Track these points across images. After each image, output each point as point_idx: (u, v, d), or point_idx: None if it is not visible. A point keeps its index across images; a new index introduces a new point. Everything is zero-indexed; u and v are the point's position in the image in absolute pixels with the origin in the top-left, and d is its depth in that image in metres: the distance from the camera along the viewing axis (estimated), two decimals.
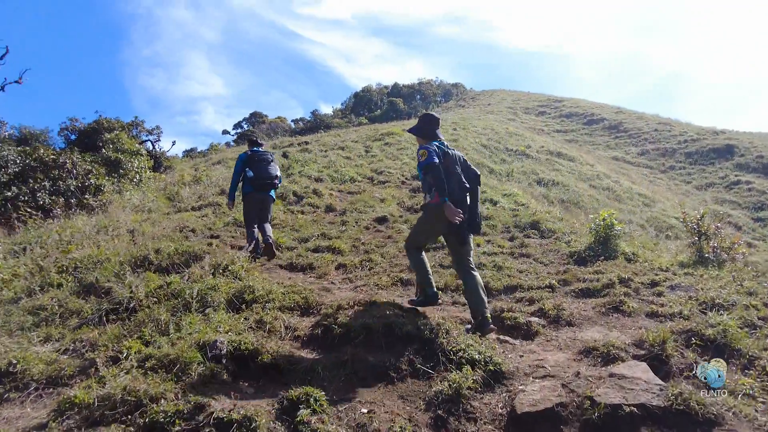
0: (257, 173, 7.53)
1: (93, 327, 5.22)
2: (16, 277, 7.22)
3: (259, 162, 7.61)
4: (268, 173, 7.57)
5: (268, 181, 7.57)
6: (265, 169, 7.58)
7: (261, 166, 7.58)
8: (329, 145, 23.85)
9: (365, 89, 56.74)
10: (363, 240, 8.53)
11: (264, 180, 7.54)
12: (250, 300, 4.93)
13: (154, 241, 8.49)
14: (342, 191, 14.83)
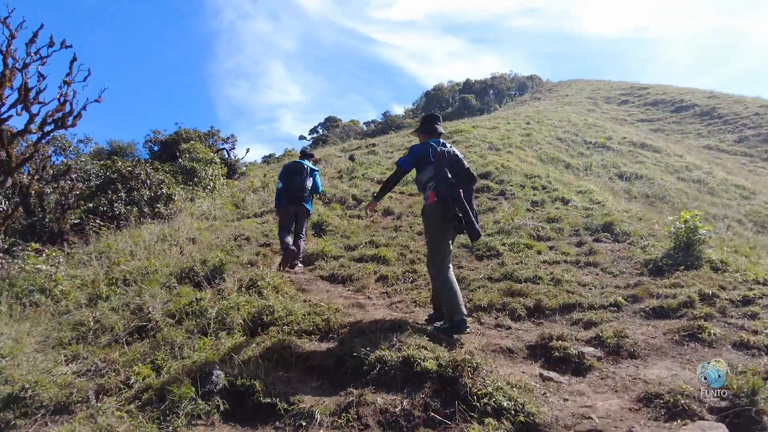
0: (286, 185, 7.50)
1: (120, 345, 5.07)
2: (74, 289, 7.34)
3: (291, 174, 7.57)
4: (294, 185, 7.46)
5: (296, 192, 7.42)
6: (294, 181, 7.48)
7: (292, 178, 7.51)
8: (396, 146, 23.41)
9: (436, 88, 55.78)
10: (412, 248, 7.94)
11: (292, 192, 7.43)
12: (268, 322, 4.52)
13: (203, 251, 8.42)
14: (403, 193, 14.31)
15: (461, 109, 45.01)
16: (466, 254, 7.60)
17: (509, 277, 6.11)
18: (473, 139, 21.33)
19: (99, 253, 9.40)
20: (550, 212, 9.88)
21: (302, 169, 7.59)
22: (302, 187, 7.46)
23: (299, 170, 7.58)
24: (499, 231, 8.53)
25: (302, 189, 7.45)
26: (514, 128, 23.39)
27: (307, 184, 7.55)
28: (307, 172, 7.61)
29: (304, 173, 7.56)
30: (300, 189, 7.44)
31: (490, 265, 6.82)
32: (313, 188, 7.74)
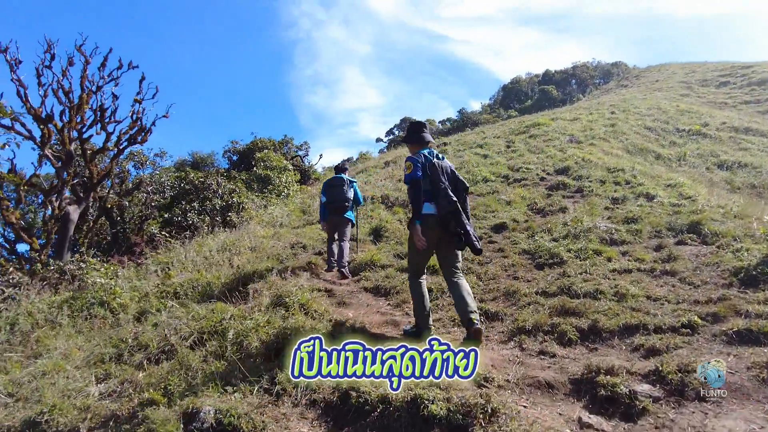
0: (329, 198, 7.73)
1: (151, 365, 4.98)
2: (132, 302, 7.49)
3: (332, 187, 7.78)
4: (337, 197, 7.66)
5: (339, 204, 7.62)
6: (336, 194, 7.69)
7: (334, 191, 7.72)
8: (468, 144, 22.62)
9: (514, 81, 53.66)
10: (467, 255, 7.34)
11: (335, 204, 7.63)
12: (285, 345, 4.19)
13: (254, 262, 8.34)
14: (472, 193, 13.65)
15: (541, 101, 43.00)
16: (527, 262, 6.91)
17: (566, 291, 5.38)
18: (552, 132, 20.20)
19: (164, 264, 9.64)
20: (630, 210, 8.89)
21: (342, 183, 7.76)
22: (344, 198, 7.63)
23: (339, 183, 7.77)
24: (567, 235, 7.73)
25: (344, 200, 7.62)
26: (597, 119, 21.85)
27: (349, 195, 7.71)
28: (348, 184, 7.79)
29: (344, 186, 7.73)
30: (342, 201, 7.60)
31: (550, 276, 6.11)
32: (355, 200, 7.93)
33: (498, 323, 4.85)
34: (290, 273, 7.27)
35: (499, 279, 6.18)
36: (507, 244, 7.91)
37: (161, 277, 7.89)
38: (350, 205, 7.72)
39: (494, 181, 14.66)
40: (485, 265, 6.89)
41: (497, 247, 7.85)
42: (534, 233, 8.37)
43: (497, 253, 7.47)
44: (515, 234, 8.46)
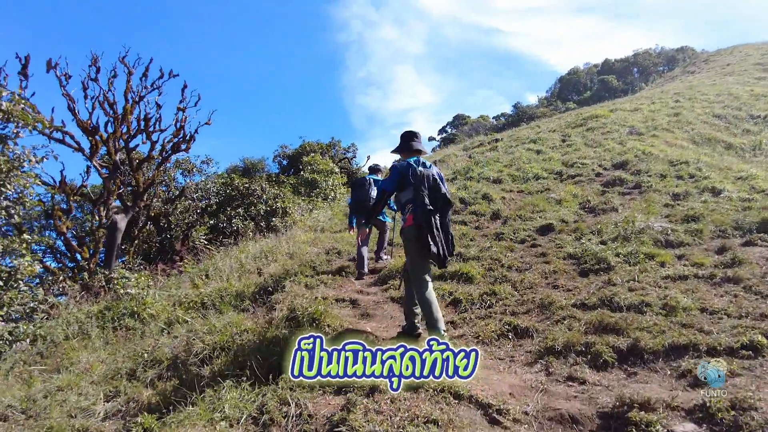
0: (353, 198, 7.90)
1: (160, 382, 4.85)
2: (162, 312, 7.47)
3: (357, 187, 7.89)
4: (361, 197, 7.69)
5: (362, 204, 7.58)
6: (360, 194, 7.73)
7: (357, 192, 7.80)
8: (522, 139, 21.76)
9: (571, 71, 51.42)
10: (504, 261, 6.83)
11: (360, 204, 7.64)
12: (282, 364, 3.89)
13: (287, 268, 8.17)
14: (522, 192, 13.00)
15: (600, 91, 41.01)
16: (570, 268, 6.32)
17: (607, 302, 4.78)
18: (611, 124, 19.16)
19: (201, 273, 9.65)
20: (692, 207, 8.09)
21: (364, 183, 7.80)
22: (367, 198, 7.60)
23: (362, 183, 7.84)
24: (617, 237, 7.06)
25: (367, 200, 7.56)
26: (660, 108, 20.48)
27: (372, 194, 7.61)
28: (371, 184, 7.76)
29: (366, 186, 7.75)
30: (364, 201, 7.58)
31: (593, 284, 5.52)
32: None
33: (527, 341, 4.34)
34: (318, 281, 7.03)
35: (537, 288, 5.64)
36: (551, 248, 7.32)
37: (190, 286, 7.83)
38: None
39: (546, 178, 13.94)
40: (523, 272, 6.36)
41: (540, 251, 7.27)
42: (582, 235, 7.73)
43: (539, 258, 6.90)
44: (561, 236, 7.84)
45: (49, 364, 5.90)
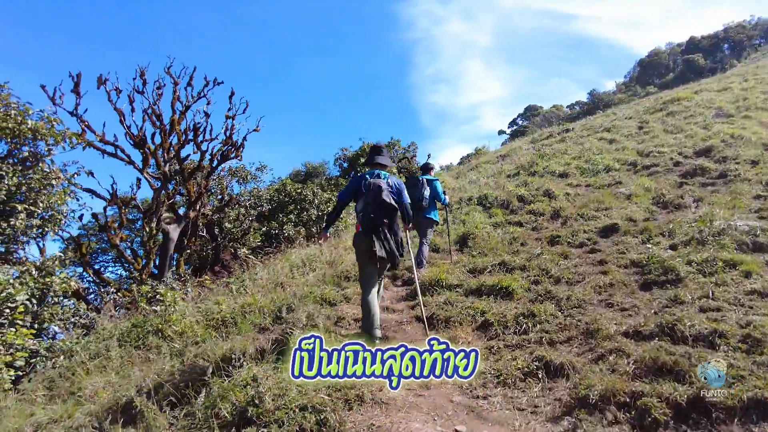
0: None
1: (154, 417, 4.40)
2: (189, 329, 7.15)
3: (409, 187, 7.30)
4: (412, 197, 7.01)
5: (414, 203, 7.08)
6: (411, 193, 7.11)
7: (410, 192, 7.04)
8: (594, 129, 20.18)
9: (652, 53, 47.42)
10: (553, 272, 5.87)
11: (413, 204, 7.01)
12: (252, 417, 3.26)
13: (315, 283, 7.64)
14: (590, 186, 11.80)
15: (685, 73, 37.56)
16: (631, 280, 5.30)
17: (667, 331, 3.74)
18: (695, 107, 17.37)
19: (241, 284, 9.32)
20: None
21: (417, 182, 7.48)
22: (419, 198, 7.30)
23: (414, 183, 7.48)
24: (690, 239, 5.92)
25: (421, 200, 7.32)
26: (753, 86, 18.27)
27: (425, 194, 7.39)
28: (423, 183, 7.47)
29: (419, 184, 7.44)
30: (419, 200, 7.27)
31: (656, 302, 4.51)
32: (432, 198, 7.56)
33: (559, 383, 3.42)
34: (342, 297, 6.42)
35: (585, 307, 4.68)
36: (612, 254, 6.26)
37: (214, 302, 7.44)
38: (429, 205, 7.41)
39: (618, 169, 12.62)
40: (573, 286, 5.39)
41: (598, 257, 6.24)
42: (650, 237, 6.61)
43: (595, 267, 5.89)
44: (626, 239, 6.75)
45: (60, 387, 5.66)
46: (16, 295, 7.16)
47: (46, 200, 7.51)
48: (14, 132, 7.06)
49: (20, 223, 7.29)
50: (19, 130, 7.15)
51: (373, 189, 4.63)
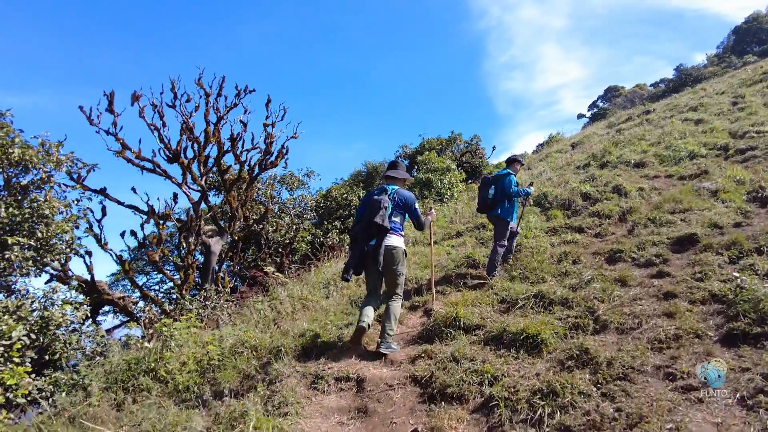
0: (479, 197, 7.08)
1: None
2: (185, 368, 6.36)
3: (483, 186, 7.00)
4: (483, 195, 6.92)
5: (482, 203, 6.92)
6: (483, 192, 6.93)
7: (482, 190, 6.97)
8: (679, 108, 17.77)
9: (750, 18, 41.78)
10: (603, 310, 4.43)
11: (484, 202, 6.90)
12: None
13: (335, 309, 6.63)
14: (671, 176, 10.01)
15: None
16: (708, 326, 3.80)
17: None
18: None
19: (260, 308, 8.49)
20: None
21: (487, 182, 6.91)
22: (491, 196, 6.75)
23: (488, 182, 6.92)
24: None
25: (485, 198, 6.79)
26: None
27: (490, 192, 6.79)
28: (498, 180, 6.79)
29: (495, 182, 6.81)
30: (486, 198, 6.79)
31: (747, 376, 3.03)
32: (501, 193, 6.73)
33: None
34: (338, 340, 5.32)
35: (634, 379, 3.25)
36: (685, 280, 4.71)
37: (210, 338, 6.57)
38: (494, 202, 6.70)
39: (704, 156, 10.66)
40: (624, 334, 3.94)
41: (666, 287, 4.69)
42: (740, 254, 4.96)
43: (660, 303, 4.37)
44: (707, 257, 5.14)
45: None
46: (10, 331, 6.68)
47: (44, 230, 7.00)
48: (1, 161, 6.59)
49: (15, 256, 6.81)
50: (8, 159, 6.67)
51: (369, 208, 4.73)
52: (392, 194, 4.84)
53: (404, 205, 4.86)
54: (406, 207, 4.88)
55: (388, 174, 5.13)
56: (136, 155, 11.90)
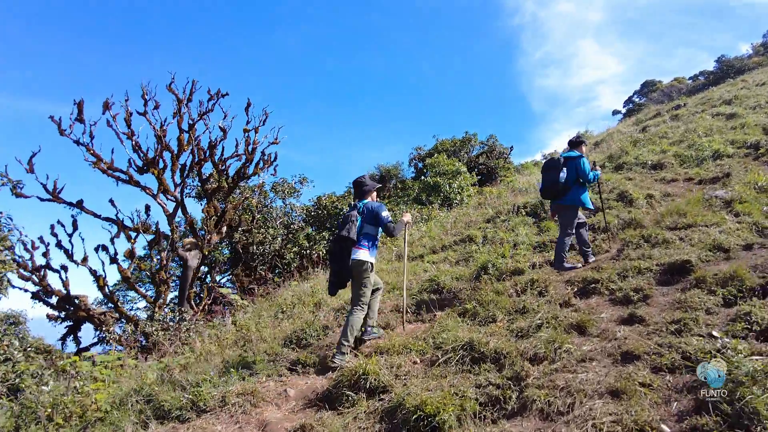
0: (542, 182, 6.53)
1: None
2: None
3: (546, 170, 6.45)
4: (549, 180, 6.31)
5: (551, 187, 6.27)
6: (548, 176, 6.35)
7: (546, 175, 6.41)
8: (712, 102, 16.05)
9: None
10: (539, 373, 3.27)
11: (547, 189, 6.37)
12: None
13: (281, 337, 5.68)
14: (690, 180, 8.69)
15: None
16: (675, 407, 2.62)
17: None
18: None
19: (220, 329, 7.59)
20: None
21: (556, 164, 6.26)
22: (557, 180, 6.14)
23: (552, 165, 6.32)
24: None
25: (557, 183, 6.15)
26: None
27: (562, 177, 6.11)
28: (563, 163, 6.18)
29: (559, 166, 6.18)
30: (555, 183, 6.16)
31: None
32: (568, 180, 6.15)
33: None
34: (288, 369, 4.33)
35: None
36: (659, 330, 3.49)
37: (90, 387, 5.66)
38: (566, 187, 6.12)
39: (731, 156, 9.22)
40: (546, 423, 2.80)
41: (629, 342, 3.46)
42: (738, 294, 3.70)
43: (613, 368, 3.17)
44: (696, 294, 3.88)
45: None
46: None
47: None
48: None
49: None
50: None
51: (342, 223, 4.87)
52: (361, 208, 4.89)
53: (372, 216, 4.84)
54: (374, 216, 4.84)
55: (359, 190, 5.07)
56: (108, 166, 11.26)
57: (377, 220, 4.84)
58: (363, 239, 4.82)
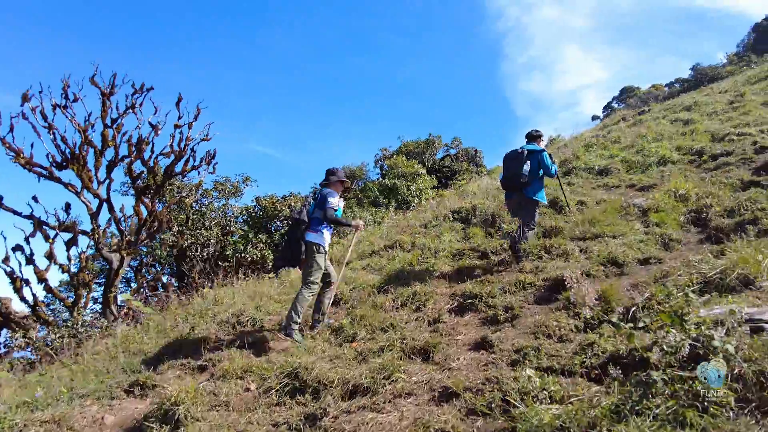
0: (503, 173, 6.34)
1: None
2: None
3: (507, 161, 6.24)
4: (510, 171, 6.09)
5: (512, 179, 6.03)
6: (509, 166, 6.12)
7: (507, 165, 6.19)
8: (674, 109, 15.71)
9: None
10: (336, 410, 2.72)
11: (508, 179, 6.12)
12: None
13: None
14: (632, 186, 8.30)
15: None
16: None
17: None
18: None
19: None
20: None
21: (517, 155, 6.06)
22: (519, 172, 5.91)
23: (514, 156, 6.12)
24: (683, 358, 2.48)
25: (519, 175, 5.91)
26: None
27: (525, 169, 5.88)
28: (524, 155, 5.99)
29: (521, 158, 5.97)
30: (516, 175, 5.92)
31: None
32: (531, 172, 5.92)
33: None
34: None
35: None
36: (498, 364, 2.95)
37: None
38: (530, 179, 5.86)
39: (675, 162, 8.78)
40: None
41: (463, 369, 2.94)
42: (602, 318, 3.17)
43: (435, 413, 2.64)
44: (562, 316, 3.35)
45: None
46: None
47: None
48: None
49: None
50: None
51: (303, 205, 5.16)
52: (318, 194, 5.07)
53: (321, 200, 4.95)
54: (322, 201, 4.94)
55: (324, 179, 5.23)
56: (26, 160, 10.57)
57: (322, 205, 4.92)
58: (314, 223, 4.92)
